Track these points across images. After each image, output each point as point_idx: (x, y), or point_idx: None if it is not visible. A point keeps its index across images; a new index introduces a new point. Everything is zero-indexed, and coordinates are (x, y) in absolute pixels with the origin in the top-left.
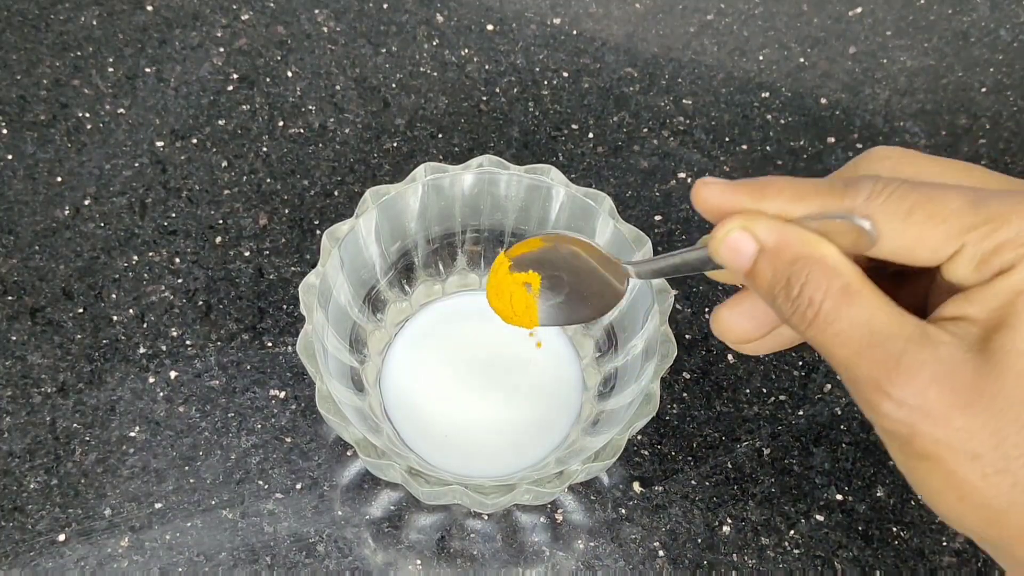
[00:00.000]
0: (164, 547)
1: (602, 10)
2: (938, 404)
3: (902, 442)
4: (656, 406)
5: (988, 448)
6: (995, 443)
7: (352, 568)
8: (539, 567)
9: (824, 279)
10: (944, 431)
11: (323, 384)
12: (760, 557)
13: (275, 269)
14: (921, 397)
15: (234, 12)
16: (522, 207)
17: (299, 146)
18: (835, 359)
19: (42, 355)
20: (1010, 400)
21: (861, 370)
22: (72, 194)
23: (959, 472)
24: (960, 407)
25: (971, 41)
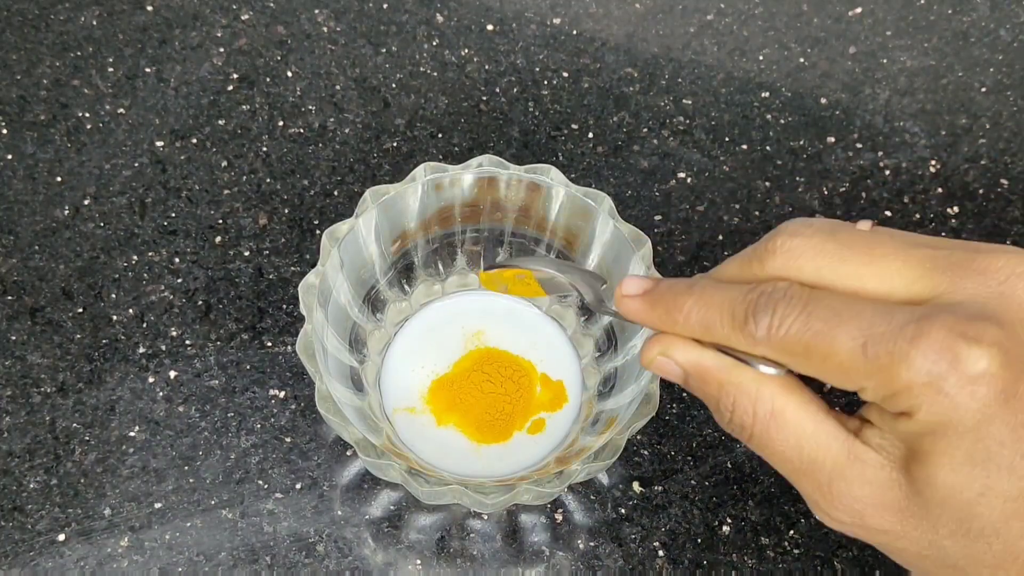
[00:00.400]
0: (164, 547)
1: (602, 10)
2: (874, 521)
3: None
4: (656, 406)
5: (930, 551)
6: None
7: (352, 568)
8: (539, 567)
9: (749, 405)
10: (886, 537)
11: (323, 384)
12: (760, 557)
13: (275, 269)
14: (858, 517)
15: (234, 12)
16: (522, 207)
17: (299, 146)
18: (781, 470)
19: (42, 355)
20: (938, 522)
21: (802, 488)
22: (72, 194)
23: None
24: (895, 521)
25: (971, 41)
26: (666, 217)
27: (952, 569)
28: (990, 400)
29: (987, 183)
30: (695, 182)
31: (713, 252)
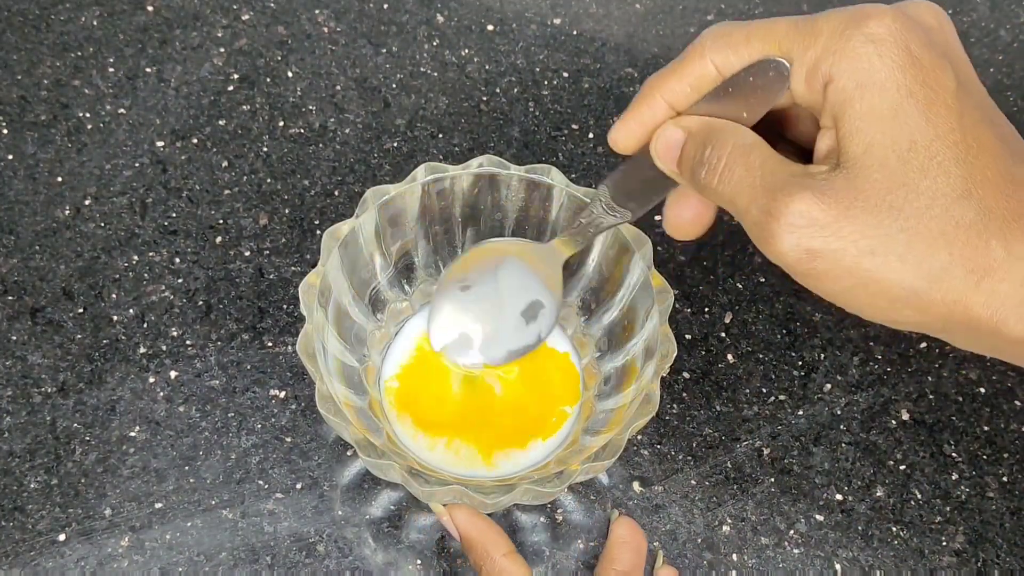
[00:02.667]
0: (164, 547)
1: (602, 10)
2: (824, 217)
3: (815, 274)
4: (656, 406)
5: (880, 241)
6: (882, 234)
7: (352, 568)
8: (539, 567)
9: (729, 138)
10: (839, 241)
11: (323, 384)
12: (760, 557)
13: (275, 269)
14: (807, 216)
15: (234, 12)
16: (522, 207)
17: (299, 146)
18: (736, 207)
19: (42, 355)
20: (875, 192)
21: (755, 211)
22: (72, 194)
23: (871, 275)
24: (843, 215)
25: (971, 41)
26: None
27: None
28: (896, 56)
29: None
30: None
31: (713, 252)
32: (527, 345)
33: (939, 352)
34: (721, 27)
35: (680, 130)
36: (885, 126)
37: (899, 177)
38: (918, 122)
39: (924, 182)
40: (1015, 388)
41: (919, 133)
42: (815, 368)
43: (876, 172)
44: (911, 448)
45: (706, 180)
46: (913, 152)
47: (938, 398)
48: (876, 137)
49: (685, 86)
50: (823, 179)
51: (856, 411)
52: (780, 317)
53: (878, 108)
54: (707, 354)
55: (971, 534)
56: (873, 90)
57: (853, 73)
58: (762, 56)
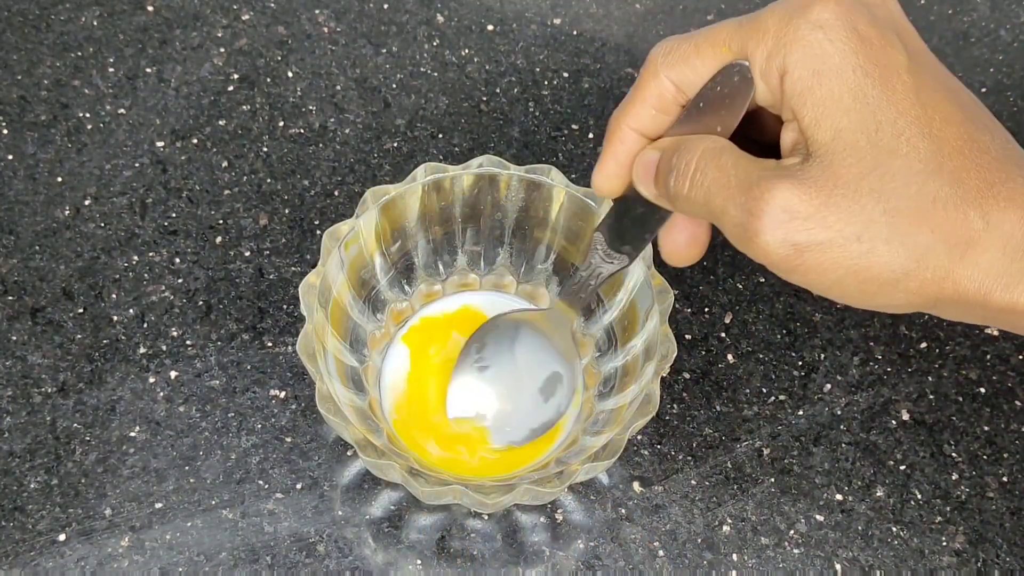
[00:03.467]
0: (164, 547)
1: (602, 10)
2: (806, 208)
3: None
4: (656, 406)
5: (863, 227)
6: (865, 219)
7: (352, 568)
8: (539, 567)
9: (698, 144)
10: (825, 232)
11: (323, 384)
12: (760, 557)
13: (275, 269)
14: (789, 209)
15: (234, 12)
16: (522, 207)
17: (299, 146)
18: (712, 210)
19: (42, 355)
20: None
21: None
22: (72, 194)
23: (859, 262)
24: (825, 204)
25: (971, 41)
26: None
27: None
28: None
29: None
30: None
31: (713, 252)
32: (548, 422)
33: (939, 352)
34: (666, 44)
35: (655, 151)
36: (848, 110)
37: (872, 159)
38: (879, 102)
39: (896, 162)
40: (1015, 388)
41: (882, 113)
42: (815, 368)
43: (849, 157)
44: (911, 448)
45: (677, 187)
46: (880, 133)
47: (938, 398)
48: (842, 122)
49: (649, 109)
50: (798, 169)
51: (856, 411)
52: (780, 317)
53: (837, 93)
54: (707, 354)
55: (971, 534)
56: (830, 76)
57: (807, 61)
58: (718, 63)
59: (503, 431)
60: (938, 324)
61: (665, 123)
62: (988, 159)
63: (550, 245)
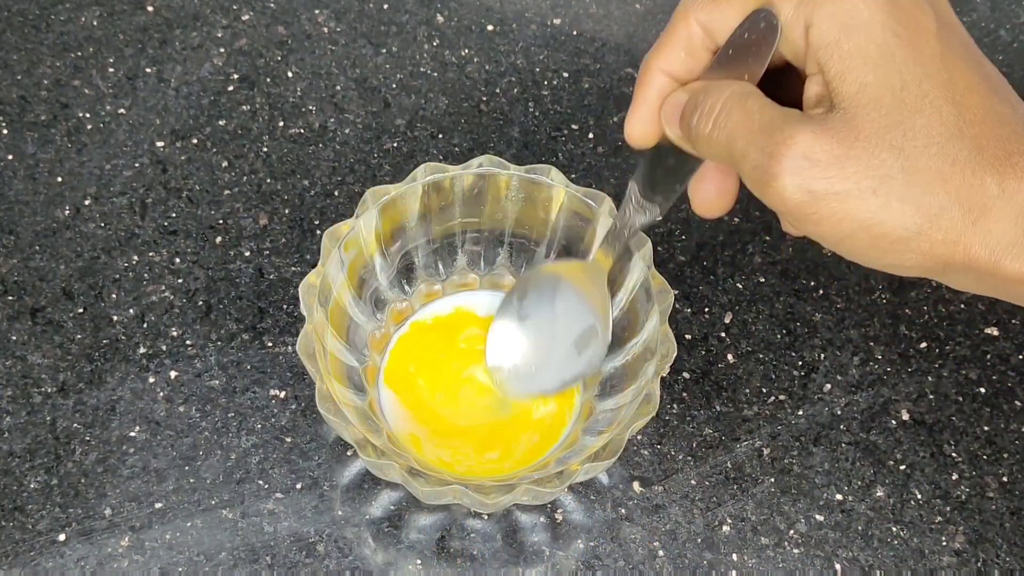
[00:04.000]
0: (164, 547)
1: (602, 10)
2: (826, 156)
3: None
4: (656, 406)
5: (880, 181)
6: (883, 174)
7: (352, 568)
8: (539, 567)
9: (726, 87)
10: (842, 182)
11: (323, 384)
12: (760, 557)
13: (275, 269)
14: (809, 155)
15: (234, 12)
16: (522, 207)
17: (299, 146)
18: (733, 152)
19: (42, 355)
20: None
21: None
22: (72, 194)
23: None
24: (845, 155)
25: None
26: (666, 217)
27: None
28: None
29: None
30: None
31: (713, 252)
32: (580, 373)
33: (939, 352)
34: None
35: (685, 93)
36: (875, 65)
37: (895, 116)
38: (906, 61)
39: (919, 120)
40: (1015, 388)
41: (908, 73)
42: (815, 368)
43: (872, 111)
44: (911, 448)
45: (700, 127)
46: (906, 91)
47: (938, 398)
48: (867, 77)
49: (679, 52)
50: (821, 119)
51: (856, 411)
52: (780, 317)
53: (865, 48)
54: (707, 354)
55: (971, 534)
56: (858, 31)
57: (836, 15)
58: (746, 10)
59: (536, 379)
60: (938, 324)
61: (695, 68)
62: (1008, 131)
63: (550, 245)
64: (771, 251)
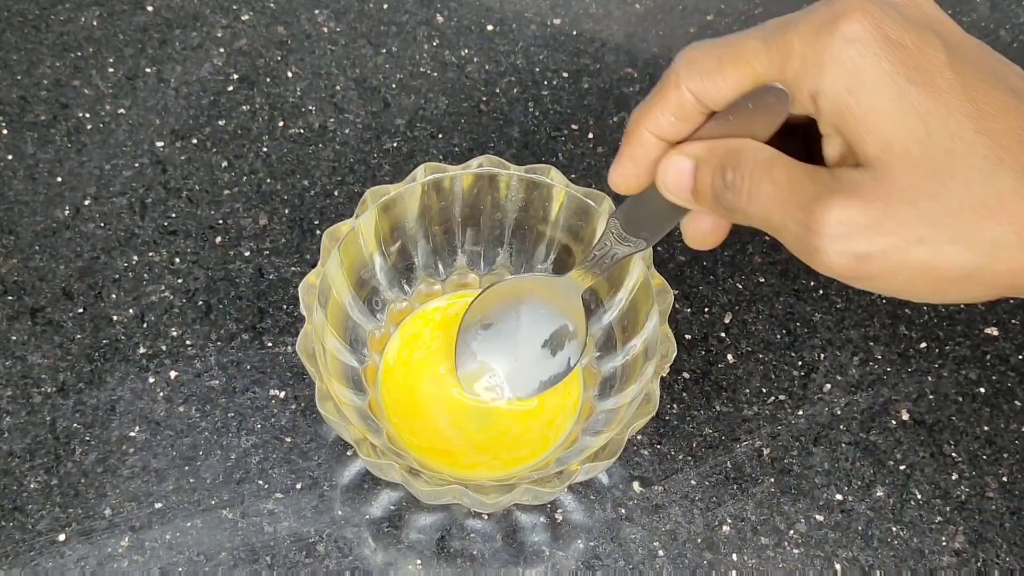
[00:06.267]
0: (164, 547)
1: (602, 10)
2: (864, 219)
3: (869, 276)
4: (656, 406)
5: (926, 229)
6: (927, 222)
7: (352, 568)
8: (539, 567)
9: (749, 157)
10: (885, 239)
11: (323, 384)
12: (760, 557)
13: (275, 269)
14: (847, 222)
15: (234, 12)
16: (522, 207)
17: (299, 146)
18: (771, 225)
19: (42, 355)
20: (909, 185)
21: (792, 226)
22: (72, 194)
23: (927, 263)
24: (884, 214)
25: None
26: None
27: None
28: (879, 49)
29: None
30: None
31: (713, 252)
32: (557, 374)
33: (939, 352)
34: (691, 52)
35: (686, 158)
36: (893, 121)
37: (928, 165)
38: (926, 106)
39: (955, 162)
40: (1015, 388)
41: (931, 116)
42: (815, 368)
43: (902, 166)
44: (911, 448)
45: (734, 203)
46: (932, 137)
47: (938, 398)
48: (889, 135)
49: (669, 117)
50: (852, 182)
51: (856, 411)
52: (780, 317)
53: (878, 107)
54: (707, 354)
55: (971, 534)
56: (867, 91)
57: (840, 80)
58: (742, 84)
59: (511, 384)
60: (938, 324)
61: (686, 130)
62: None
63: (550, 245)
64: (771, 251)
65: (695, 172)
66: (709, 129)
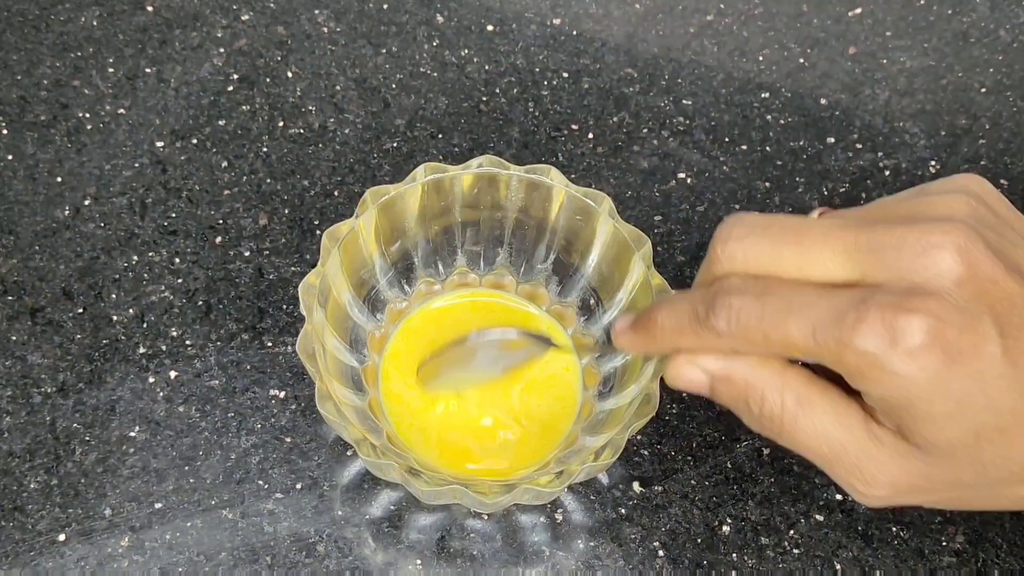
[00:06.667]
0: (164, 547)
1: (602, 10)
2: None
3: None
4: (656, 406)
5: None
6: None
7: (352, 568)
8: (539, 567)
9: (778, 395)
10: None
11: (323, 384)
12: (760, 557)
13: (275, 269)
14: (893, 490)
15: (234, 12)
16: (522, 207)
17: (299, 146)
18: (812, 461)
19: (42, 355)
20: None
21: (836, 474)
22: (72, 194)
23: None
24: (926, 485)
25: (971, 41)
26: (666, 217)
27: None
28: (937, 366)
29: None
30: (695, 182)
31: None
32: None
33: None
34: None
35: (700, 371)
36: (940, 428)
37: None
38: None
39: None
40: None
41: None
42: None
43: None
44: None
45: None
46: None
47: None
48: (936, 437)
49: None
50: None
51: None
52: None
53: (928, 413)
54: None
55: (971, 534)
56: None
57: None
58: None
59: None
60: None
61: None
62: None
63: (550, 245)
64: None
65: (711, 384)
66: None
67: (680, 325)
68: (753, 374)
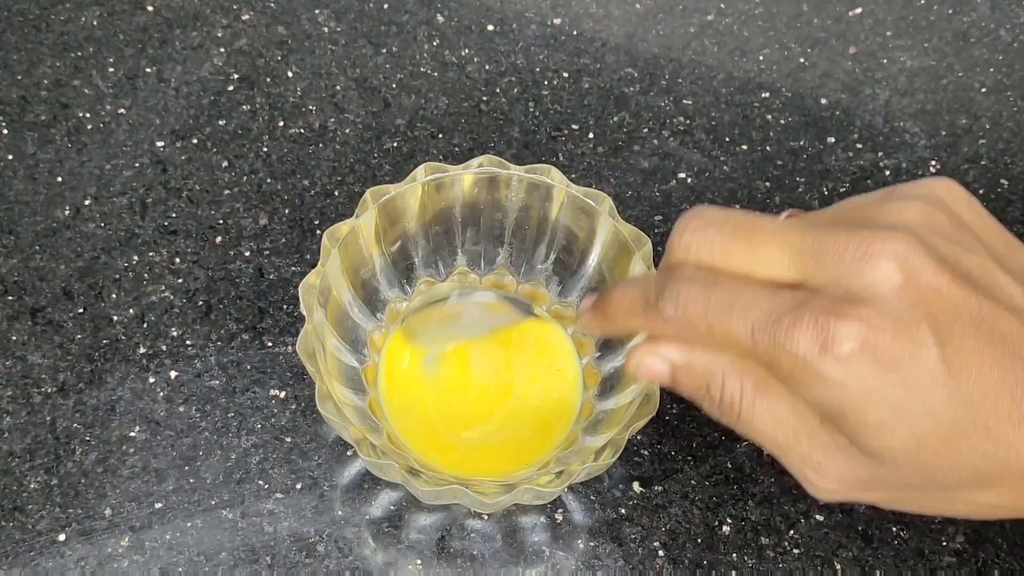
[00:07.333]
0: (164, 547)
1: (602, 10)
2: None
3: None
4: (656, 406)
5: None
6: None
7: (352, 568)
8: (539, 567)
9: (738, 381)
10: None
11: (323, 384)
12: (760, 557)
13: (275, 269)
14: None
15: (235, 12)
16: (522, 207)
17: (299, 146)
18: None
19: (42, 355)
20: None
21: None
22: (72, 194)
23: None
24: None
25: (971, 41)
26: (666, 217)
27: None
28: (869, 373)
29: (987, 183)
30: (695, 182)
31: None
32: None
33: None
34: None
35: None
36: (875, 435)
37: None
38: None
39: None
40: None
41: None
42: None
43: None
44: None
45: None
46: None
47: None
48: (874, 444)
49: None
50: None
51: None
52: None
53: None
54: None
55: (971, 534)
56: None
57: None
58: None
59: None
60: None
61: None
62: None
63: (550, 245)
64: None
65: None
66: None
67: (633, 307)
68: (714, 361)
